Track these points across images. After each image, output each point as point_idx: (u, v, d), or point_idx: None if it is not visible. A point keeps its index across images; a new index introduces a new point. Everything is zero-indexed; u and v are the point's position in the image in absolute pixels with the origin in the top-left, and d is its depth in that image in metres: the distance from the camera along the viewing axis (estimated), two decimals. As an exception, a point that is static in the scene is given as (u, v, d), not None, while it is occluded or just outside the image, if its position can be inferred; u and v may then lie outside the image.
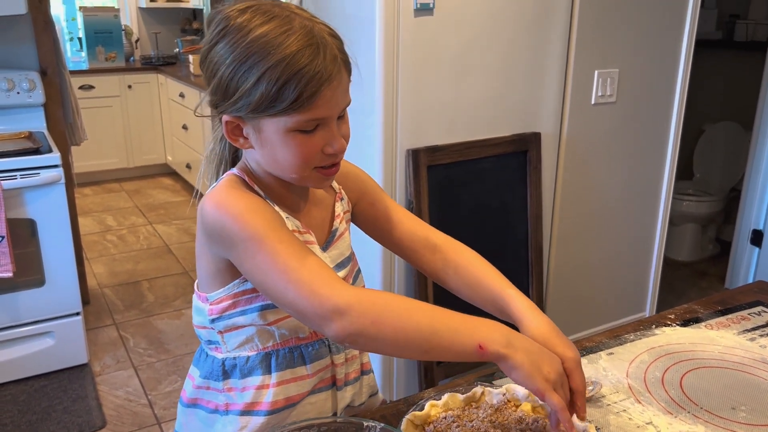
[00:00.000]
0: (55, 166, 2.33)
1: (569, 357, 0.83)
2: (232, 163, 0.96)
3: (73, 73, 4.20)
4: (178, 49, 5.32)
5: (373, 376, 1.08)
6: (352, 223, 1.06)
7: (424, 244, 1.03)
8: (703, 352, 1.12)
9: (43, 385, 2.45)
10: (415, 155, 1.93)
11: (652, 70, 2.41)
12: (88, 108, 4.60)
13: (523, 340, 0.79)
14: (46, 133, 2.67)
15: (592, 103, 2.29)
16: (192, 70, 4.58)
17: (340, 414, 1.00)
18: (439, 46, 1.91)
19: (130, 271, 3.52)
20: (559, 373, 0.78)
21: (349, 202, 1.04)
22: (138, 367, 2.61)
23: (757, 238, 3.13)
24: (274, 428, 0.93)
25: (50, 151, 2.38)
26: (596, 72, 2.25)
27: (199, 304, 0.94)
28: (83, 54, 5.03)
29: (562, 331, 0.87)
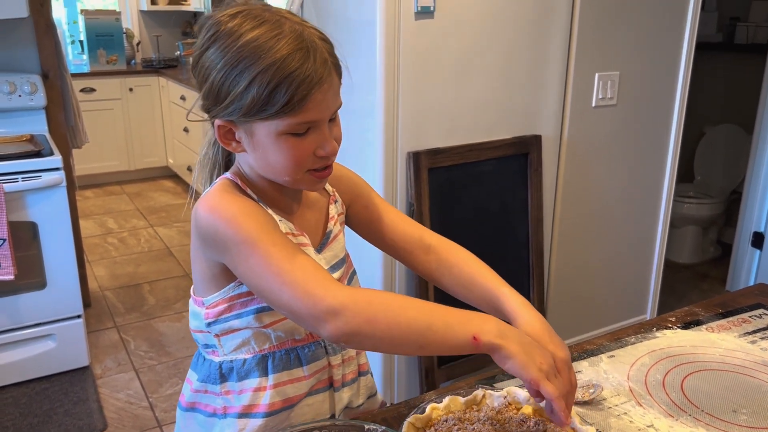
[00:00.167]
0: (57, 169, 2.33)
1: (560, 357, 0.83)
2: (226, 167, 0.97)
3: (74, 76, 4.20)
4: (179, 52, 5.33)
5: (371, 377, 1.08)
6: (347, 226, 1.07)
7: (419, 245, 1.04)
8: (704, 355, 1.12)
9: (45, 388, 2.45)
10: (416, 158, 1.94)
11: (653, 73, 2.41)
12: (90, 111, 4.61)
13: (516, 332, 0.80)
14: (48, 135, 2.68)
15: (593, 105, 2.29)
16: (193, 72, 4.58)
17: (338, 415, 1.00)
18: (440, 49, 1.92)
19: (131, 274, 3.52)
20: (551, 365, 0.79)
21: (343, 205, 1.04)
22: (139, 369, 2.61)
23: (758, 241, 3.13)
24: (272, 431, 0.94)
25: (51, 153, 2.38)
26: (597, 75, 2.26)
27: (195, 308, 0.94)
28: (84, 57, 5.04)
29: (563, 333, 0.88)
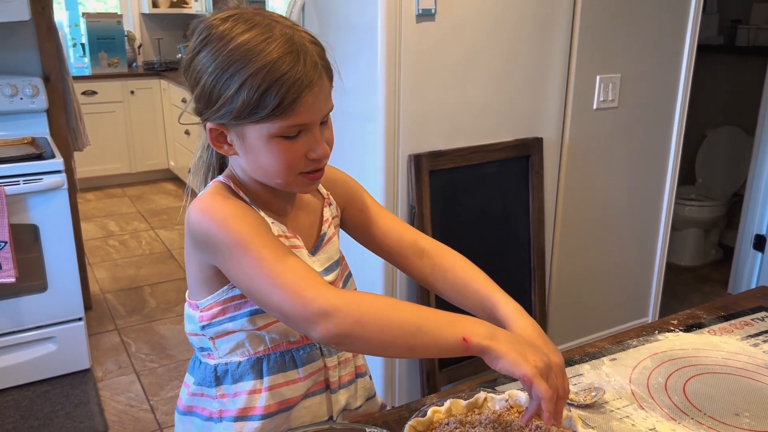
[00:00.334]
0: (58, 172, 2.33)
1: (553, 362, 0.82)
2: (220, 170, 0.97)
3: (76, 78, 4.21)
4: (180, 55, 5.34)
5: (369, 379, 1.08)
6: (342, 230, 1.07)
7: (413, 250, 1.04)
8: (707, 358, 1.12)
9: (46, 391, 2.45)
10: (417, 160, 1.93)
11: (654, 75, 2.41)
12: (91, 113, 4.61)
13: (506, 333, 0.80)
14: (49, 138, 2.68)
15: (594, 108, 2.29)
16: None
17: (336, 417, 1.00)
18: (441, 52, 1.92)
19: (132, 277, 3.52)
20: (546, 363, 0.77)
21: (338, 208, 1.04)
22: (140, 372, 2.60)
23: (759, 243, 3.12)
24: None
25: (53, 156, 2.38)
26: (598, 77, 2.26)
27: (190, 311, 0.95)
28: (86, 60, 5.05)
29: (565, 335, 0.88)
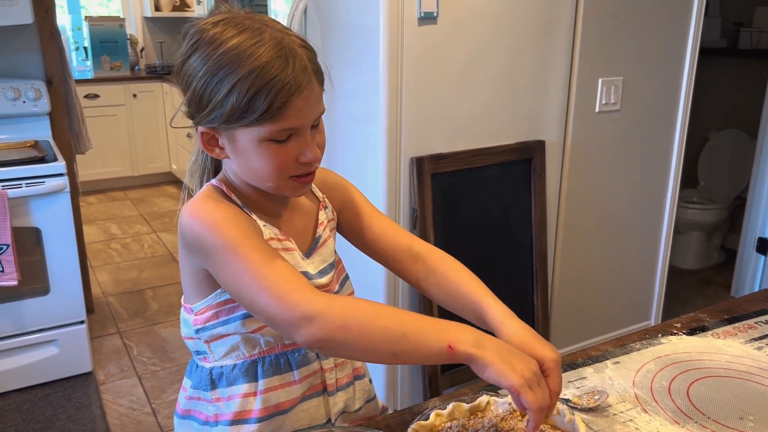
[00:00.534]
0: (60, 175, 2.34)
1: (549, 357, 0.81)
2: (215, 173, 0.98)
3: (78, 82, 4.21)
4: (182, 58, 5.34)
5: (368, 381, 1.08)
6: (338, 233, 1.07)
7: (408, 254, 1.03)
8: (710, 362, 1.11)
9: (47, 394, 2.44)
10: (419, 163, 1.93)
11: (657, 78, 2.41)
12: (94, 117, 4.62)
13: (494, 341, 0.78)
14: (52, 141, 2.69)
15: (596, 111, 2.29)
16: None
17: (334, 420, 1.00)
18: (443, 55, 1.92)
19: (135, 280, 3.53)
20: (534, 372, 0.76)
21: (334, 211, 1.04)
22: (142, 375, 2.60)
23: (762, 246, 3.11)
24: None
25: (55, 159, 2.39)
26: (600, 80, 2.25)
27: (185, 315, 0.95)
28: (89, 63, 5.06)
29: (567, 339, 0.87)
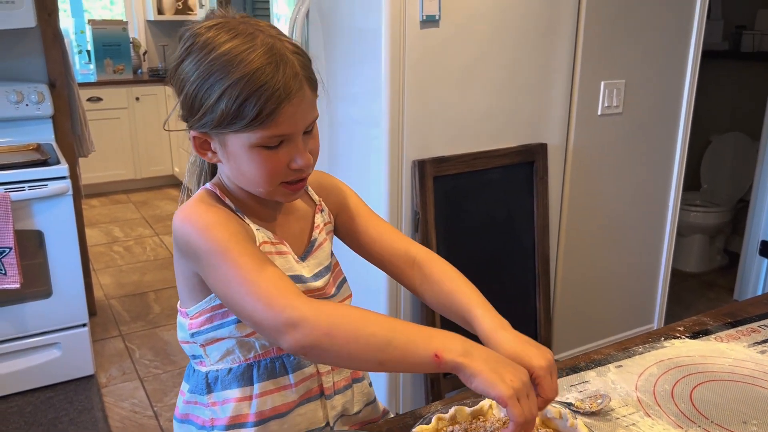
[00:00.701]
0: (63, 178, 2.34)
1: (537, 365, 0.80)
2: (212, 174, 0.98)
3: (81, 85, 4.23)
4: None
5: (368, 384, 1.07)
6: (335, 236, 1.07)
7: (405, 259, 1.02)
8: (713, 365, 1.11)
9: (49, 397, 2.44)
10: (422, 166, 1.93)
11: (659, 81, 2.40)
12: (96, 120, 4.64)
13: (484, 350, 0.77)
14: (55, 144, 2.69)
15: (599, 114, 2.28)
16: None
17: (332, 423, 1.00)
18: (445, 57, 1.92)
19: (137, 283, 3.53)
20: (524, 382, 0.75)
21: (330, 214, 1.04)
22: (144, 378, 2.60)
23: (765, 249, 3.10)
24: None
25: (58, 162, 2.39)
26: (602, 83, 2.25)
27: (181, 319, 0.95)
28: (92, 66, 5.08)
29: (569, 342, 0.87)
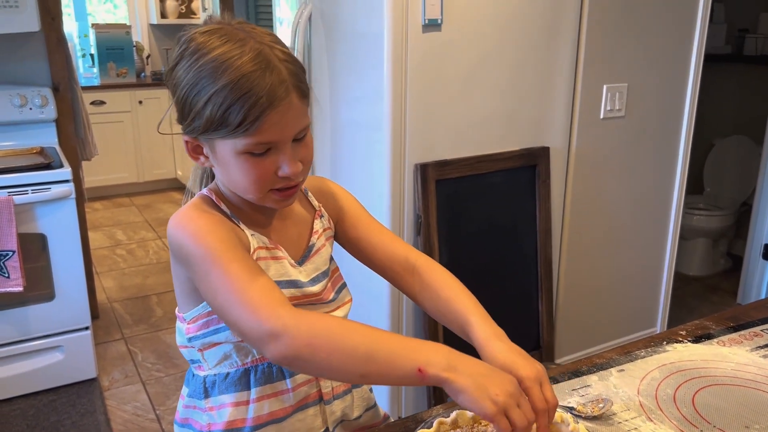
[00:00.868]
0: (66, 181, 2.35)
1: (526, 376, 0.79)
2: (212, 177, 0.98)
3: (84, 88, 4.24)
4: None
5: (368, 389, 1.07)
6: (336, 242, 1.07)
7: (404, 266, 1.02)
8: (716, 369, 1.10)
9: (52, 400, 2.45)
10: (424, 169, 1.93)
11: (661, 85, 2.40)
12: (100, 123, 4.64)
13: (469, 363, 0.75)
14: (58, 148, 2.70)
15: (601, 117, 2.28)
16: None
17: (332, 429, 1.00)
18: (448, 61, 1.92)
19: (140, 286, 3.53)
20: (510, 394, 0.73)
21: (330, 220, 1.04)
22: (146, 381, 2.60)
23: (769, 253, 3.10)
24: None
25: (61, 166, 2.40)
26: (605, 86, 2.25)
27: (179, 323, 0.96)
28: (95, 70, 5.09)
29: (572, 346, 0.87)
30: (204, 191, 0.93)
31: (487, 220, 2.12)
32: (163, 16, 5.38)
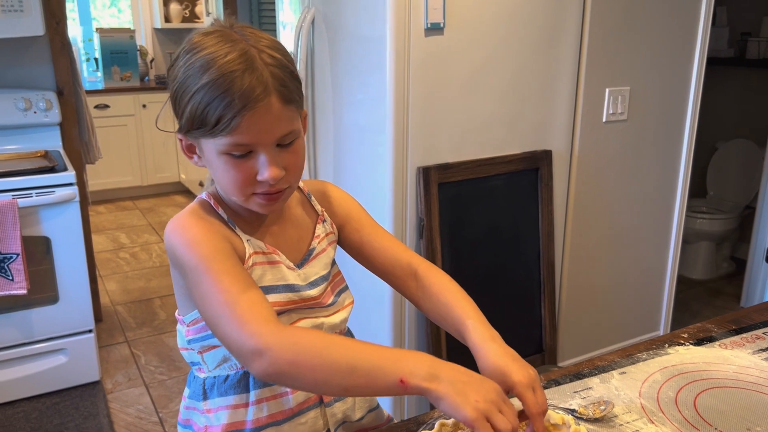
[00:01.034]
0: (70, 184, 2.35)
1: (517, 381, 0.80)
2: None
3: (89, 92, 4.26)
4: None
5: None
6: (339, 247, 1.07)
7: (407, 271, 1.03)
8: (718, 372, 1.10)
9: (55, 403, 2.45)
10: (426, 173, 1.94)
11: (664, 88, 2.40)
12: (103, 127, 4.66)
13: (450, 370, 0.75)
14: (62, 151, 2.71)
15: (604, 120, 2.29)
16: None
17: (334, 430, 1.00)
18: (450, 65, 1.92)
19: (143, 289, 3.54)
20: (492, 400, 0.73)
21: (333, 225, 1.04)
22: (149, 384, 2.61)
23: (772, 257, 3.09)
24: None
25: (65, 169, 2.41)
26: (607, 90, 2.25)
27: (179, 326, 0.96)
28: (99, 74, 5.11)
29: (575, 349, 0.87)
30: (203, 195, 0.94)
31: (489, 223, 2.12)
32: (167, 20, 5.41)
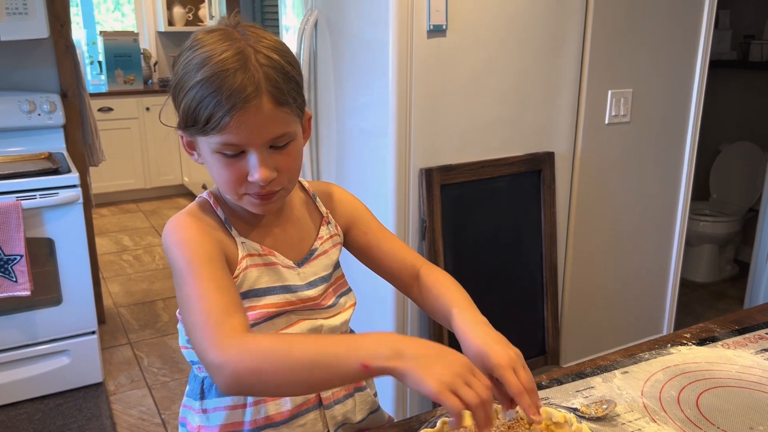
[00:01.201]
0: (74, 187, 2.36)
1: (496, 364, 0.80)
2: None
3: (92, 95, 4.28)
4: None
5: (371, 393, 1.07)
6: (345, 249, 1.07)
7: (411, 273, 1.03)
8: (720, 372, 1.10)
9: (58, 404, 2.46)
10: (429, 174, 1.94)
11: (667, 90, 2.41)
12: (107, 130, 4.68)
13: (416, 346, 0.74)
14: (66, 153, 2.72)
15: (606, 122, 2.29)
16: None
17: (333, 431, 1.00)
18: (453, 67, 1.93)
19: (146, 291, 3.55)
20: (457, 373, 0.72)
21: (338, 227, 1.04)
22: (152, 386, 2.61)
23: (775, 259, 3.08)
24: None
25: (69, 171, 2.41)
26: (609, 92, 2.26)
27: (180, 324, 0.96)
28: (103, 77, 5.13)
29: (578, 352, 0.87)
30: (204, 194, 0.94)
31: (491, 224, 2.12)
32: (171, 23, 5.43)
